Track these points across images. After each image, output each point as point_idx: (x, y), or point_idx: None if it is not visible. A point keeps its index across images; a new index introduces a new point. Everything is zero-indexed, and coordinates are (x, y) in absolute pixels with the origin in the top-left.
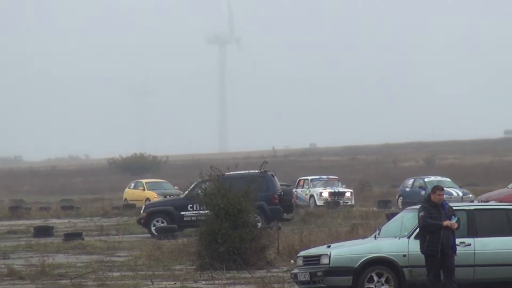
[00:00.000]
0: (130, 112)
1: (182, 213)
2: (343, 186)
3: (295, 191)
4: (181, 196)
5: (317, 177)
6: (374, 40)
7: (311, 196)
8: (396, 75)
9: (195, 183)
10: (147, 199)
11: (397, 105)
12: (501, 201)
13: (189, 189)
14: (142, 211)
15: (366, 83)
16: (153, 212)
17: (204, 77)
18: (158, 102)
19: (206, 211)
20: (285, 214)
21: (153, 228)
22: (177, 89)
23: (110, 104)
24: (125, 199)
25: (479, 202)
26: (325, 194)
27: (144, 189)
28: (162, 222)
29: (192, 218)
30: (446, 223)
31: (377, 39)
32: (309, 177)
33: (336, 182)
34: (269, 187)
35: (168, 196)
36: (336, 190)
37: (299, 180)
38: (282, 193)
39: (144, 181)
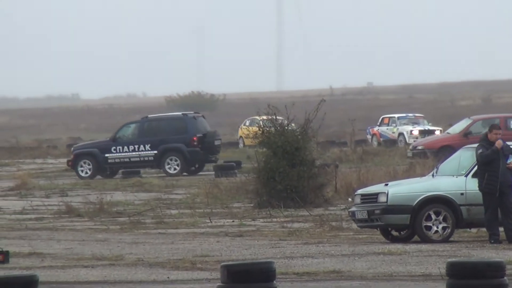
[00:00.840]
0: (188, 50)
1: (107, 155)
2: (429, 123)
3: (378, 129)
4: (107, 138)
5: (404, 114)
6: None
7: (400, 134)
8: (451, 15)
9: (122, 125)
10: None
11: (453, 44)
12: (429, 147)
13: (115, 131)
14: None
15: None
16: (79, 154)
17: (262, 16)
18: (216, 40)
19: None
20: (209, 156)
21: (80, 170)
22: (235, 28)
23: (168, 43)
24: (240, 137)
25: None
26: (415, 132)
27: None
28: (89, 165)
29: (116, 161)
30: (498, 142)
31: None
32: (395, 115)
33: (422, 120)
34: (188, 129)
35: None
36: (426, 128)
37: (383, 118)
38: (204, 135)
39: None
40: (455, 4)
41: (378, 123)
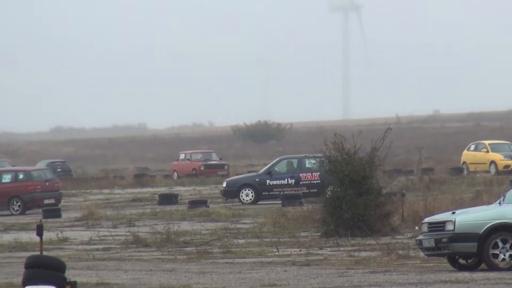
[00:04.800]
0: (254, 79)
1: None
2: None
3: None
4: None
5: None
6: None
7: (492, 162)
8: None
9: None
10: (492, 161)
11: None
12: None
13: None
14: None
15: (490, 48)
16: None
17: (328, 44)
18: (282, 70)
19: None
20: None
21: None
22: (301, 57)
23: (234, 72)
24: (463, 162)
25: None
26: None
27: (487, 151)
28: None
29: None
30: None
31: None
32: (486, 142)
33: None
34: None
35: None
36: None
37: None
38: None
39: (487, 142)
40: None
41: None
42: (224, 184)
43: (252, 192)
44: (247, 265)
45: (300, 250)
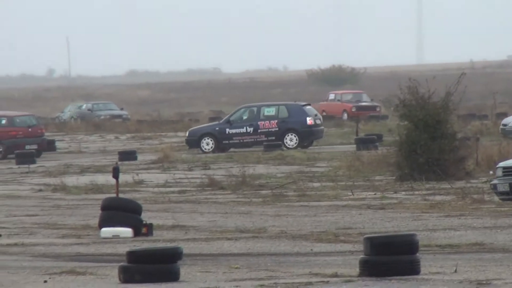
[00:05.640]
0: (328, 24)
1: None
2: None
3: None
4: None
5: None
6: None
7: None
8: None
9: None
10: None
11: None
12: None
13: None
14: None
15: None
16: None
17: None
18: (356, 14)
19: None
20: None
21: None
22: (375, 1)
23: (308, 16)
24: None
25: None
26: None
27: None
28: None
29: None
30: None
31: None
32: None
33: None
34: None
35: None
36: None
37: None
38: None
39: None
40: None
41: None
42: (187, 134)
43: (212, 141)
44: (322, 208)
45: (375, 194)
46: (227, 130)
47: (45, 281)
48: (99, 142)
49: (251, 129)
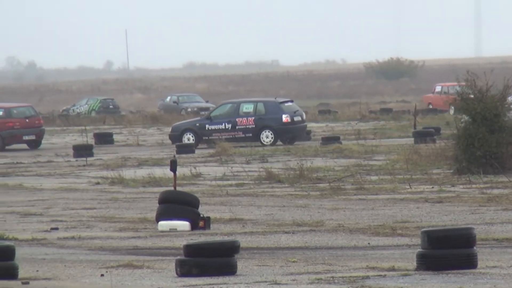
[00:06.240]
0: (386, 16)
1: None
2: None
3: None
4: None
5: None
6: None
7: None
8: None
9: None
10: None
11: None
12: None
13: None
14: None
15: None
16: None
17: None
18: (414, 6)
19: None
20: None
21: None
22: None
23: (367, 9)
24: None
25: None
26: None
27: None
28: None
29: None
30: None
31: None
32: None
33: None
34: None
35: None
36: None
37: None
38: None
39: None
40: None
41: None
42: (170, 129)
43: (193, 137)
44: (380, 202)
45: (433, 187)
46: (207, 126)
47: (102, 275)
48: (157, 135)
49: (229, 125)
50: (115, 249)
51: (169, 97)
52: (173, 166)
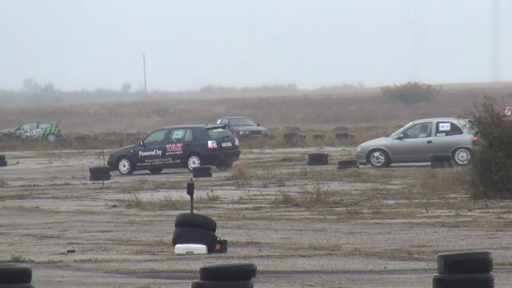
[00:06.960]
0: (404, 40)
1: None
2: None
3: None
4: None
5: None
6: None
7: None
8: None
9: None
10: None
11: None
12: None
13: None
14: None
15: None
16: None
17: (477, 5)
18: (432, 30)
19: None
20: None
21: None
22: (450, 17)
23: (384, 33)
24: None
25: None
26: None
27: None
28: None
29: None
30: None
31: None
32: None
33: None
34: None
35: None
36: None
37: None
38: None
39: None
40: None
41: None
42: (108, 156)
43: (128, 163)
44: (396, 226)
45: (449, 212)
46: (140, 152)
47: None
48: None
49: (160, 152)
50: (131, 272)
51: (219, 120)
52: (190, 189)
